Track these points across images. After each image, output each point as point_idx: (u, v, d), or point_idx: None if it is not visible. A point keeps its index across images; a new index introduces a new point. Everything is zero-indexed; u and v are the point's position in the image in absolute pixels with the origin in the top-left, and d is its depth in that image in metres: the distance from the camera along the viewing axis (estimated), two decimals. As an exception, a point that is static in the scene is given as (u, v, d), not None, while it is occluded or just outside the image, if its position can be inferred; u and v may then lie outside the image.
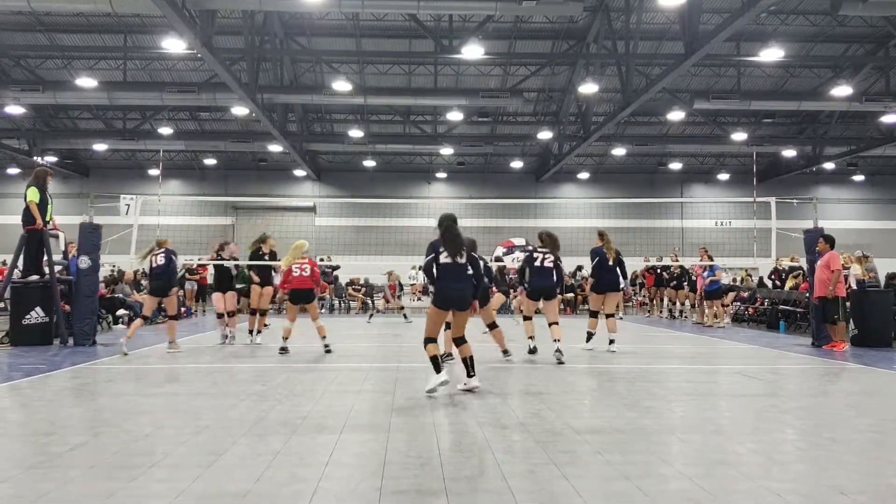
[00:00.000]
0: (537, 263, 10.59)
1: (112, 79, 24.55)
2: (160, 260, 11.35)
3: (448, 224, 7.48)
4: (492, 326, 10.36)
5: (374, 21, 23.09)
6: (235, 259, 13.35)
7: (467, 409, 6.40)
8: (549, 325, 10.54)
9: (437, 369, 7.13)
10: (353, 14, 22.04)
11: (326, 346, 11.10)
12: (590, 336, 11.81)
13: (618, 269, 11.88)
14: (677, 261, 21.55)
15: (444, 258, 7.35)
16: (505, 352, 10.32)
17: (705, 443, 5.25)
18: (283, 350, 10.93)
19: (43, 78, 25.19)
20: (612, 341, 11.66)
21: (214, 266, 13.36)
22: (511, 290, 20.37)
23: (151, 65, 25.74)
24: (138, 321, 11.52)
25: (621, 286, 12.12)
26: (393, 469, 4.42)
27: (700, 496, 3.92)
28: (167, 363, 10.10)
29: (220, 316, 12.82)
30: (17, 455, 4.80)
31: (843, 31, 23.27)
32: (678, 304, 21.57)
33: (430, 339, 7.32)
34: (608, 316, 11.92)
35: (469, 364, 7.37)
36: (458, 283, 7.37)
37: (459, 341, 7.46)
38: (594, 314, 12.08)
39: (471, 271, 7.52)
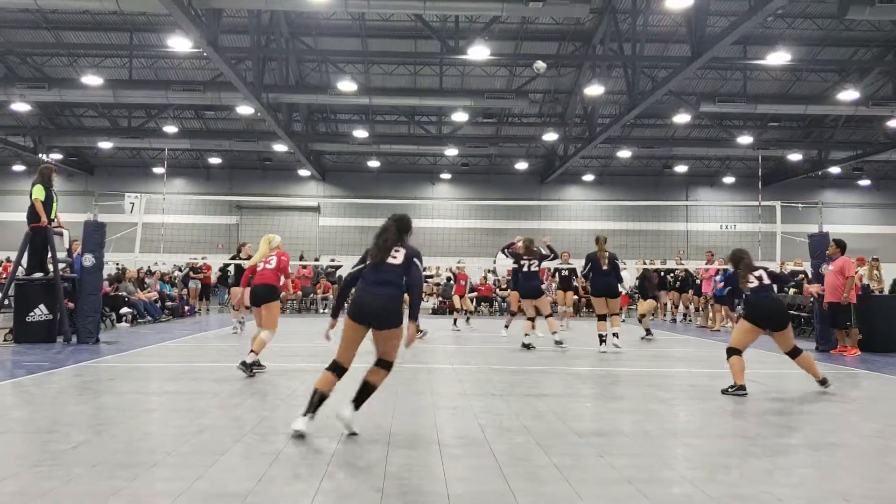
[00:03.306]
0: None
1: (118, 77, 24.62)
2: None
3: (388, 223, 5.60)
4: (794, 353, 7.90)
5: (379, 21, 23.09)
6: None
7: (469, 412, 6.38)
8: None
9: (309, 408, 5.23)
10: (359, 14, 22.05)
11: (248, 363, 8.15)
12: (602, 339, 11.90)
13: (614, 274, 12.08)
14: (682, 264, 21.51)
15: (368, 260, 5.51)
16: (822, 381, 7.86)
17: (708, 447, 5.23)
18: (249, 367, 8.19)
19: (49, 75, 25.24)
20: (615, 334, 11.86)
21: (235, 265, 15.77)
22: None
23: (157, 63, 25.78)
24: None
25: (621, 291, 12.32)
26: (394, 469, 4.42)
27: (703, 500, 3.90)
28: (169, 362, 10.11)
29: (235, 309, 15.10)
30: (21, 452, 4.81)
31: (850, 34, 23.20)
32: (681, 307, 21.52)
33: (332, 365, 5.41)
34: (612, 315, 12.13)
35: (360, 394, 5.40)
36: (375, 289, 5.35)
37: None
38: (602, 318, 12.16)
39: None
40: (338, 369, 5.38)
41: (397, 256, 5.45)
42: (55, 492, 3.87)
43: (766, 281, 7.92)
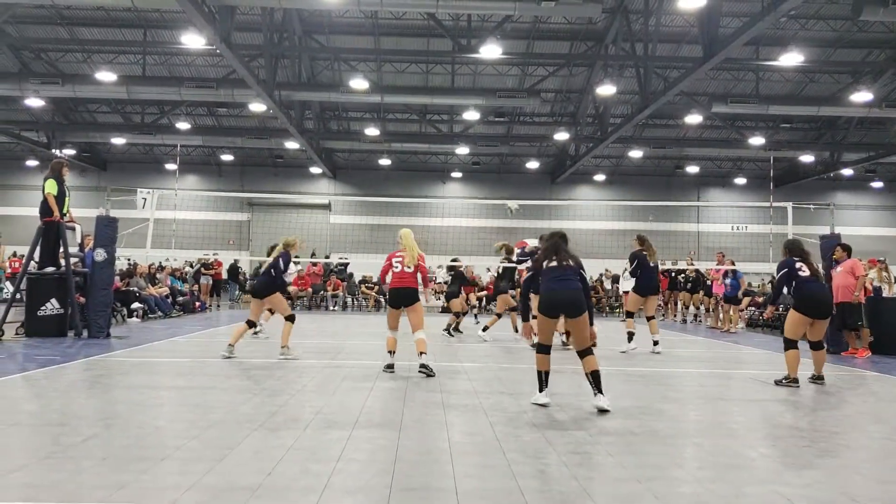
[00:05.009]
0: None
1: (131, 73, 24.74)
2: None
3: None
4: (819, 345, 8.38)
5: (392, 19, 23.13)
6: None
7: (479, 408, 6.39)
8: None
9: (545, 384, 6.55)
10: (372, 12, 22.09)
11: (424, 366, 8.40)
12: (631, 336, 11.93)
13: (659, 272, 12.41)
14: (692, 264, 21.45)
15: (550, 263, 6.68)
16: (818, 378, 8.39)
17: (717, 446, 5.22)
18: (389, 367, 8.64)
19: (63, 71, 25.41)
20: (656, 342, 11.86)
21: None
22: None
23: (170, 60, 25.90)
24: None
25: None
26: (403, 466, 4.42)
27: (711, 500, 3.89)
28: (179, 357, 10.15)
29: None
30: (31, 445, 4.84)
31: (863, 36, 23.06)
32: (692, 307, 21.46)
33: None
34: (649, 319, 12.15)
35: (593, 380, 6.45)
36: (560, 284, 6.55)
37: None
38: (630, 315, 12.25)
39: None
40: (547, 350, 6.63)
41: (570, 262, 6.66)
42: (64, 485, 3.90)
43: (819, 272, 8.24)
